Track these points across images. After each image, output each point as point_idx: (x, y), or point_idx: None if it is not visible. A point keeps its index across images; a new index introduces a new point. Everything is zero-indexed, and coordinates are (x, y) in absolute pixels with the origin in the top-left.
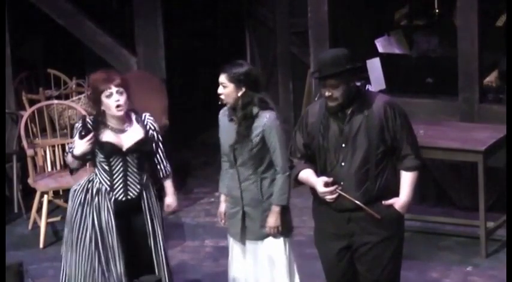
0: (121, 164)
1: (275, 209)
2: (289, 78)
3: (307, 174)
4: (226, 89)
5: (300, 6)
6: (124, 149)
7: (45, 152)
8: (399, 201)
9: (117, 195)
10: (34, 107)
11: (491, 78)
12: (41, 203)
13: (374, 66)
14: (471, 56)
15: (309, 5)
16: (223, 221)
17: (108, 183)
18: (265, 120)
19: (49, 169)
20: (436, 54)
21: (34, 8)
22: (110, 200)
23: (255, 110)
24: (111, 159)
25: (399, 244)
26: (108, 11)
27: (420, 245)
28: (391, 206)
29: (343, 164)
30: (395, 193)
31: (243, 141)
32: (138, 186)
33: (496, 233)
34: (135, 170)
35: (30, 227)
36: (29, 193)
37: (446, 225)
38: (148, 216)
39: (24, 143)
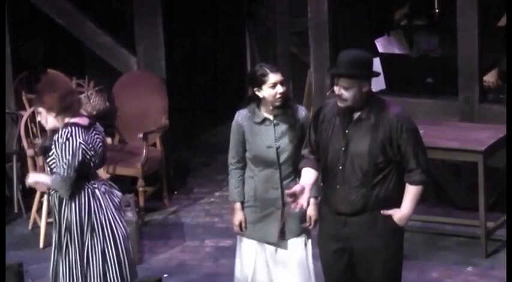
0: None
1: (315, 201)
2: (289, 78)
3: (302, 176)
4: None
5: (300, 6)
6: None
7: None
8: (398, 214)
9: None
10: (34, 107)
11: (490, 78)
12: (41, 203)
13: (374, 66)
14: (471, 56)
15: (309, 5)
16: (244, 230)
17: None
18: (304, 113)
19: None
20: (436, 54)
21: (34, 8)
22: None
23: (293, 104)
24: None
25: (395, 253)
26: (108, 10)
27: (420, 245)
28: (389, 216)
29: (340, 167)
30: (399, 204)
31: (292, 136)
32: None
33: (496, 233)
34: (50, 172)
35: (30, 227)
36: (29, 193)
37: (446, 225)
38: (58, 221)
39: (24, 143)
